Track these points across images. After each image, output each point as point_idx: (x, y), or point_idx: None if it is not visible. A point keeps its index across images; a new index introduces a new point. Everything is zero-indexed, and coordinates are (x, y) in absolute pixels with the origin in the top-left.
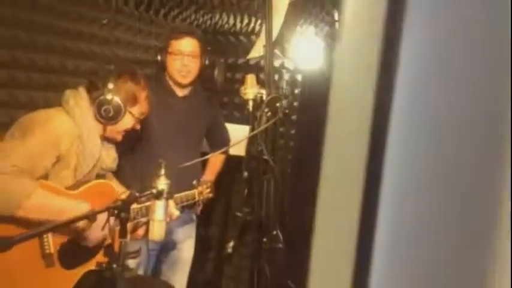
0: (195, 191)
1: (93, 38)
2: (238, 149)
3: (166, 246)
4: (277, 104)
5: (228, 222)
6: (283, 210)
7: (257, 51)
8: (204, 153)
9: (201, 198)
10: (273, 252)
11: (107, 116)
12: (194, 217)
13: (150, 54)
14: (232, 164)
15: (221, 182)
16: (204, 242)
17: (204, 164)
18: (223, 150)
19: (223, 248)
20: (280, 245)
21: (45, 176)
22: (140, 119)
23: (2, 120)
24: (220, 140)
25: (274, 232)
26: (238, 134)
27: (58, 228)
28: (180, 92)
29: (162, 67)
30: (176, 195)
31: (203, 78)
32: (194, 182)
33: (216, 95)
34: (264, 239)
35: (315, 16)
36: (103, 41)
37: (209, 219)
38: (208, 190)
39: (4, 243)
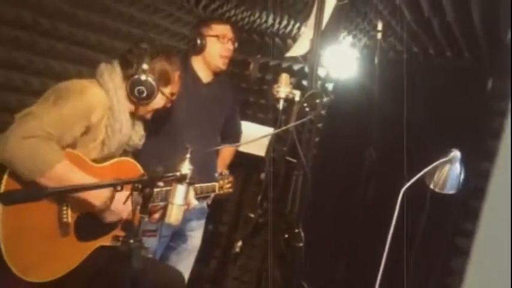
0: (216, 184)
1: (132, 19)
2: (258, 148)
3: (178, 233)
4: (317, 101)
5: (239, 222)
6: (307, 209)
7: (296, 51)
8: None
9: (221, 192)
10: (291, 251)
11: (140, 96)
12: (206, 207)
13: (183, 43)
14: (249, 163)
15: (236, 180)
16: (213, 239)
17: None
18: (238, 144)
19: (232, 247)
20: (301, 244)
21: (73, 146)
22: (171, 98)
23: (37, 88)
24: (234, 131)
25: (297, 230)
26: (259, 135)
27: (87, 189)
28: (205, 79)
29: (199, 51)
30: (197, 186)
31: (233, 73)
32: (216, 175)
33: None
34: (286, 236)
35: (355, 25)
36: (141, 24)
37: (220, 216)
38: (229, 185)
39: (37, 192)
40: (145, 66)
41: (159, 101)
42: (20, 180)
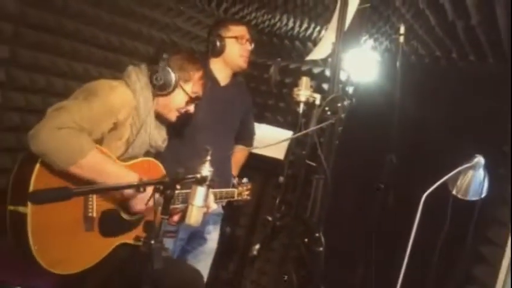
0: (235, 191)
1: (154, 22)
2: (276, 151)
3: (195, 235)
4: (339, 104)
5: (257, 225)
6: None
7: (317, 55)
8: None
9: (239, 198)
10: (311, 255)
11: (157, 84)
12: (222, 210)
13: (204, 45)
14: (267, 166)
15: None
16: (231, 242)
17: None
18: (259, 147)
19: (249, 250)
20: (321, 248)
21: (100, 142)
22: (193, 98)
23: (60, 89)
24: (247, 134)
25: (317, 234)
26: (278, 138)
27: (112, 190)
28: (223, 81)
29: (219, 53)
30: (216, 190)
31: (253, 76)
32: (235, 182)
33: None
34: (305, 240)
35: (377, 28)
36: (162, 27)
37: (238, 219)
38: (248, 193)
39: (65, 193)
40: (165, 55)
41: (180, 97)
42: (51, 169)
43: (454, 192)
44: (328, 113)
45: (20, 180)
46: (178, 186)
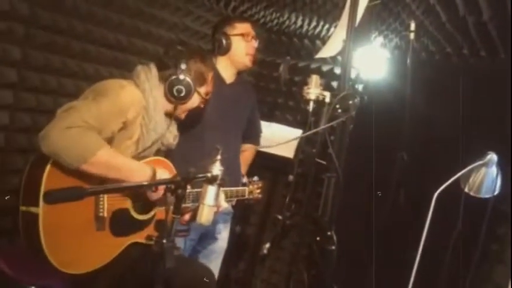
0: (246, 189)
1: (163, 22)
2: (286, 150)
3: (206, 235)
4: (350, 102)
5: (267, 224)
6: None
7: (326, 52)
8: None
9: (250, 197)
10: (324, 254)
11: (178, 95)
12: (231, 209)
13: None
14: (277, 165)
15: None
16: (241, 240)
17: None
18: (273, 146)
19: (259, 249)
20: (333, 247)
21: (110, 142)
22: (205, 98)
23: (71, 89)
24: (254, 132)
25: (329, 233)
26: (287, 136)
27: (125, 190)
28: (228, 79)
29: (225, 51)
30: (227, 189)
31: (262, 75)
32: (245, 181)
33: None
34: (317, 238)
35: (387, 25)
36: (171, 26)
37: (248, 218)
38: (259, 191)
39: (78, 192)
40: (183, 66)
41: (194, 101)
42: (62, 169)
43: (466, 189)
44: (339, 110)
45: (31, 181)
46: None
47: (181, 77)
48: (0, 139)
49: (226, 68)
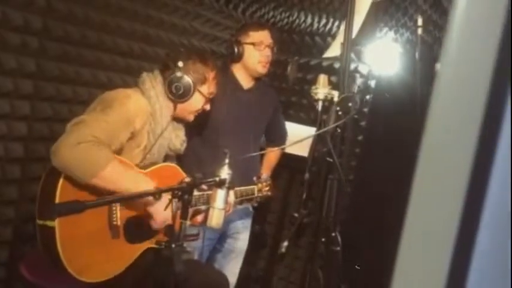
0: (255, 187)
1: (173, 27)
2: (301, 149)
3: (225, 235)
4: (350, 104)
5: (284, 222)
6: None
7: (333, 51)
8: (261, 148)
9: (260, 195)
10: (329, 255)
11: (177, 93)
12: (251, 209)
13: (223, 47)
14: (293, 163)
15: (280, 181)
16: (260, 239)
17: (261, 159)
18: (283, 147)
19: (277, 247)
20: (338, 248)
21: (119, 152)
22: (209, 98)
23: (85, 98)
24: (279, 135)
25: (333, 234)
26: (302, 135)
27: (126, 200)
28: (246, 85)
29: (238, 58)
30: (236, 189)
31: (275, 74)
32: (254, 179)
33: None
34: (323, 239)
35: (396, 20)
36: (182, 31)
37: (265, 216)
38: (267, 188)
39: (78, 206)
40: (180, 64)
41: (197, 100)
42: (74, 183)
43: None
44: (340, 113)
45: (45, 194)
46: (204, 187)
47: (179, 74)
48: (19, 149)
49: (241, 74)
